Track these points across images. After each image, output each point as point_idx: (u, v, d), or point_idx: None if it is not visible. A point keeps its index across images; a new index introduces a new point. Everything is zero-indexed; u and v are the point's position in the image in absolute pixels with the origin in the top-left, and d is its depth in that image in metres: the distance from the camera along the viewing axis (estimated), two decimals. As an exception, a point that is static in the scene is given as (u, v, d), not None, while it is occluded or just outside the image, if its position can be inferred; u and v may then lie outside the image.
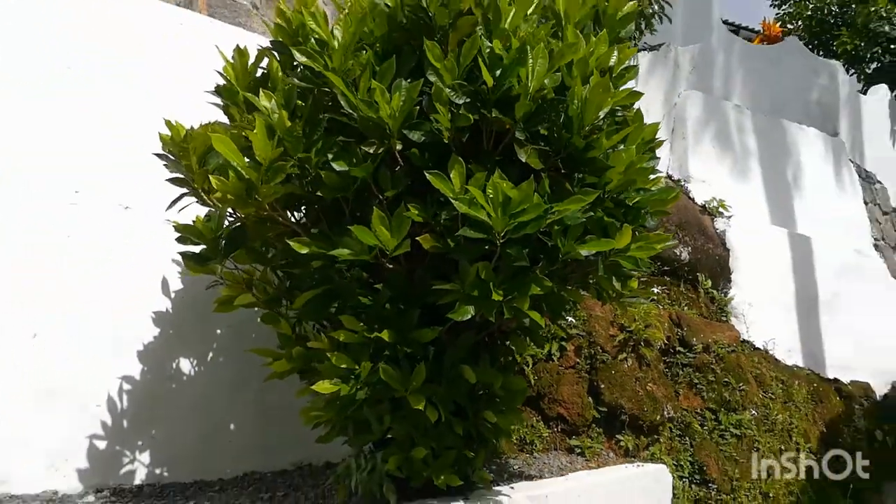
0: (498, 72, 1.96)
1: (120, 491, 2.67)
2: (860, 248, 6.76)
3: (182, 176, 2.23)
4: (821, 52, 10.52)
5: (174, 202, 2.28)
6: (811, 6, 11.33)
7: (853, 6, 9.89)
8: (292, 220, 2.22)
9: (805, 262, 6.05)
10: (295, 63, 2.29)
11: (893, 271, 7.22)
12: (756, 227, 5.86)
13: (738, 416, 4.29)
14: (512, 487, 2.74)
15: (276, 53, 2.33)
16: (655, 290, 4.61)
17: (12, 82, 2.79)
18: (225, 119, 2.48)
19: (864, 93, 8.21)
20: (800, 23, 11.80)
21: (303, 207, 2.32)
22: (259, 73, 2.38)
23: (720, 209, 5.70)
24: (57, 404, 2.65)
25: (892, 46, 9.00)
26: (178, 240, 2.24)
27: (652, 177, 2.18)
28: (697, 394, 4.31)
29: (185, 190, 2.33)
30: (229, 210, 2.22)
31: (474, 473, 2.46)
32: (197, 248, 2.28)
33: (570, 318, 3.95)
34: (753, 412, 4.38)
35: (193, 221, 2.23)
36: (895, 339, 6.80)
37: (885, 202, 7.71)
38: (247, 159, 2.00)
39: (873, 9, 9.07)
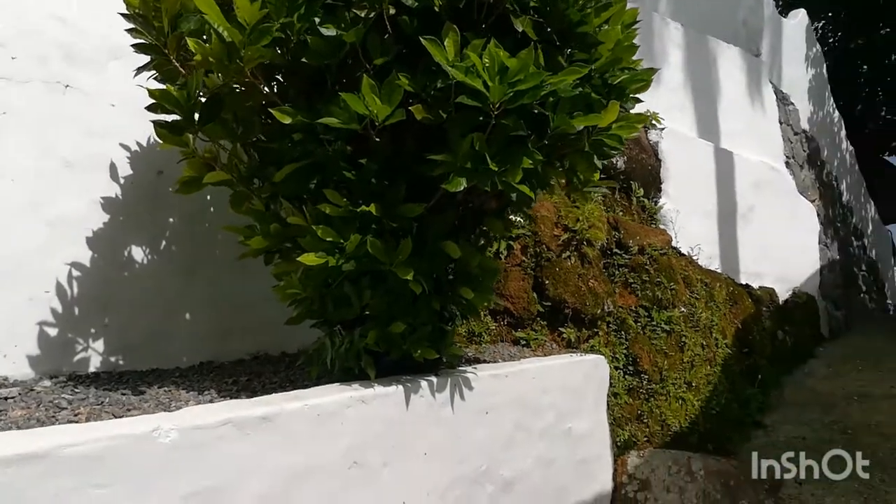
0: (492, -64, 1.92)
1: (76, 377, 2.58)
2: (774, 165, 7.17)
3: (148, 42, 2.07)
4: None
5: (142, 68, 2.14)
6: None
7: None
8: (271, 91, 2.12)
9: (727, 175, 6.37)
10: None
11: (799, 187, 7.73)
12: (686, 139, 6.08)
13: (668, 313, 4.56)
14: (475, 368, 2.84)
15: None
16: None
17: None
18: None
19: (785, 16, 8.51)
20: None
21: (278, 78, 2.23)
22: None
23: (653, 121, 5.86)
24: (1, 289, 2.50)
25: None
26: (150, 108, 2.10)
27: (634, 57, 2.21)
28: (632, 292, 4.54)
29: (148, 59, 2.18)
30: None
31: (445, 350, 2.53)
32: (169, 118, 2.15)
33: (518, 218, 4.03)
34: (682, 310, 4.67)
35: (164, 88, 2.09)
36: (797, 250, 7.38)
37: (796, 123, 8.15)
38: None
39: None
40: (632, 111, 2.25)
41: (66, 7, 2.73)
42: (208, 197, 3.07)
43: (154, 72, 2.27)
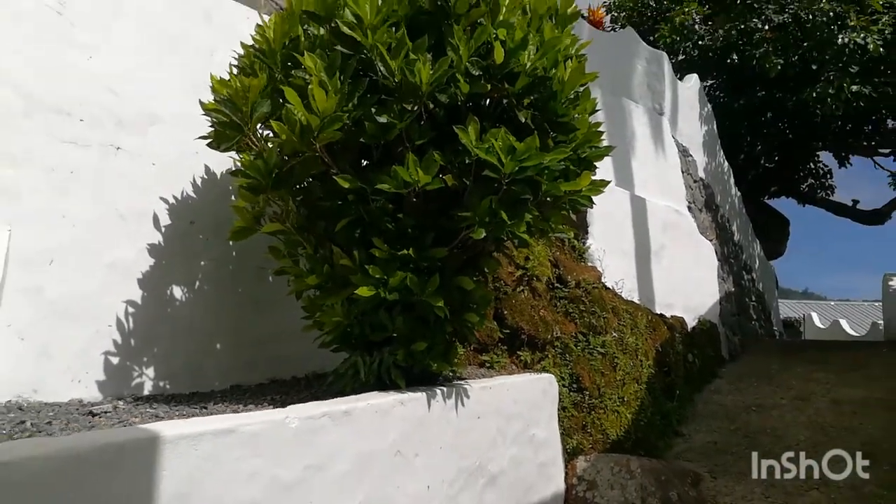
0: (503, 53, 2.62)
1: (138, 398, 3.01)
2: (678, 209, 8.23)
3: (229, 121, 2.63)
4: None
5: (228, 146, 2.68)
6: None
7: (671, 5, 11.60)
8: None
9: (641, 219, 7.32)
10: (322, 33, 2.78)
11: (700, 228, 8.84)
12: (608, 188, 6.96)
13: (602, 338, 5.34)
14: (467, 381, 3.47)
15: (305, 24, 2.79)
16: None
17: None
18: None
19: (681, 80, 9.76)
20: (622, 12, 13.48)
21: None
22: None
23: (579, 172, 6.73)
24: (74, 323, 2.92)
25: (700, 43, 10.74)
26: (233, 173, 2.65)
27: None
28: (572, 320, 5.29)
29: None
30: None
31: (452, 365, 3.14)
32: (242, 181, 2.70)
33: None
34: (614, 335, 5.46)
35: (241, 159, 2.65)
36: (700, 283, 8.44)
37: (695, 172, 9.33)
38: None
39: (687, 9, 10.78)
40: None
41: (116, 79, 3.23)
42: (231, 243, 3.59)
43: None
